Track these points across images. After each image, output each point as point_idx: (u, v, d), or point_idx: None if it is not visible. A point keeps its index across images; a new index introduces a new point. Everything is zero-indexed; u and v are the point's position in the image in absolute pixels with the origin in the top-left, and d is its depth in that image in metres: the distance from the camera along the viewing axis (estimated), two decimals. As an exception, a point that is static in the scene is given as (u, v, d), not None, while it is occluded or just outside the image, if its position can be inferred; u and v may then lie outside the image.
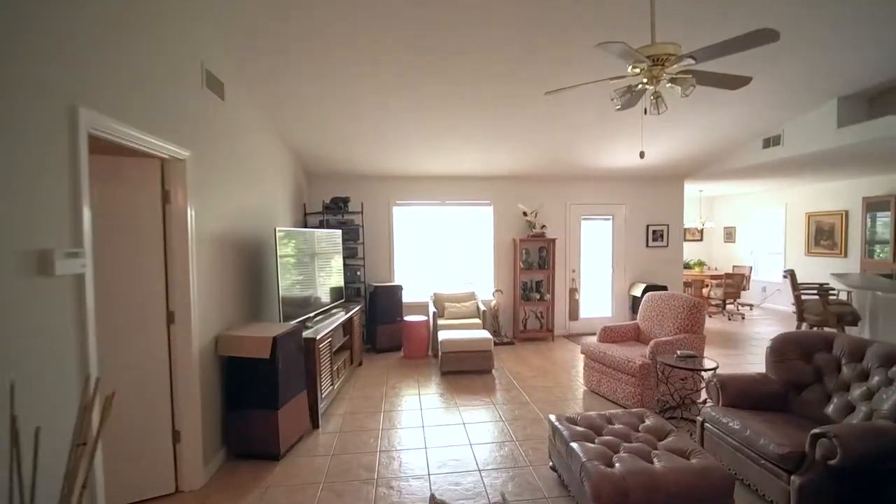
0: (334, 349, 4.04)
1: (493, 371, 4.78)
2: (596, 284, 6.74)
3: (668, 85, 2.50)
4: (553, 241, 6.18)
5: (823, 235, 7.56)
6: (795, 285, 4.50)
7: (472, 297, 5.96)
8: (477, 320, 5.52)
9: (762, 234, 8.92)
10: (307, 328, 3.67)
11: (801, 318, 4.38)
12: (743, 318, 7.66)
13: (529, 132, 4.77)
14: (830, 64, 3.67)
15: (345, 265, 5.33)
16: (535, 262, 6.24)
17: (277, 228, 3.48)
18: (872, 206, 6.56)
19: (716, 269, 9.46)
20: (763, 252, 8.88)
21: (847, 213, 7.13)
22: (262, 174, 3.95)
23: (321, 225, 5.46)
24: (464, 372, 4.71)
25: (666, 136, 5.02)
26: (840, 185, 7.20)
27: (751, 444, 2.43)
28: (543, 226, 6.19)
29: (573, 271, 6.55)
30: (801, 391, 2.77)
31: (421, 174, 6.00)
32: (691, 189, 7.99)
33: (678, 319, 3.97)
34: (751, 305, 8.49)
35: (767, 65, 3.56)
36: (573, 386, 4.34)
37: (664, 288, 6.34)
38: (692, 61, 2.39)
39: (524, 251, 6.19)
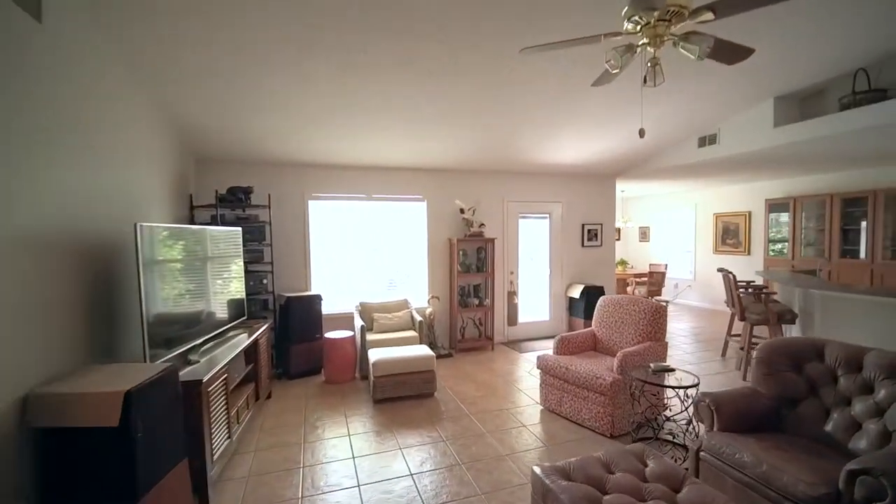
0: (232, 386, 3.03)
1: (436, 394, 4.08)
2: (533, 286, 6.38)
3: (679, 45, 2.02)
4: (492, 241, 5.67)
5: (729, 234, 8.10)
6: (736, 285, 4.48)
7: (405, 305, 5.21)
8: (412, 332, 4.78)
9: (674, 234, 9.41)
10: (191, 363, 2.64)
11: (742, 318, 4.33)
12: (664, 314, 7.90)
13: (469, 117, 4.15)
14: (766, 63, 3.55)
15: (247, 272, 4.25)
16: (472, 265, 5.68)
17: (142, 224, 2.41)
18: (774, 207, 7.09)
19: (632, 267, 9.81)
20: (675, 250, 9.37)
21: (750, 213, 7.68)
22: (120, 147, 2.80)
23: (214, 221, 4.30)
24: (402, 398, 3.94)
25: (602, 132, 4.73)
26: (745, 188, 7.74)
27: (769, 481, 2.04)
28: (482, 224, 5.65)
29: (511, 273, 6.11)
30: (795, 406, 2.49)
31: (344, 162, 5.10)
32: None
33: (640, 326, 3.64)
34: (666, 302, 8.87)
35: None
36: (528, 405, 3.82)
37: (601, 289, 6.18)
38: (710, 16, 1.92)
39: (461, 252, 5.59)
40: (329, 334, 4.55)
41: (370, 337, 4.60)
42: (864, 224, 5.83)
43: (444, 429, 3.36)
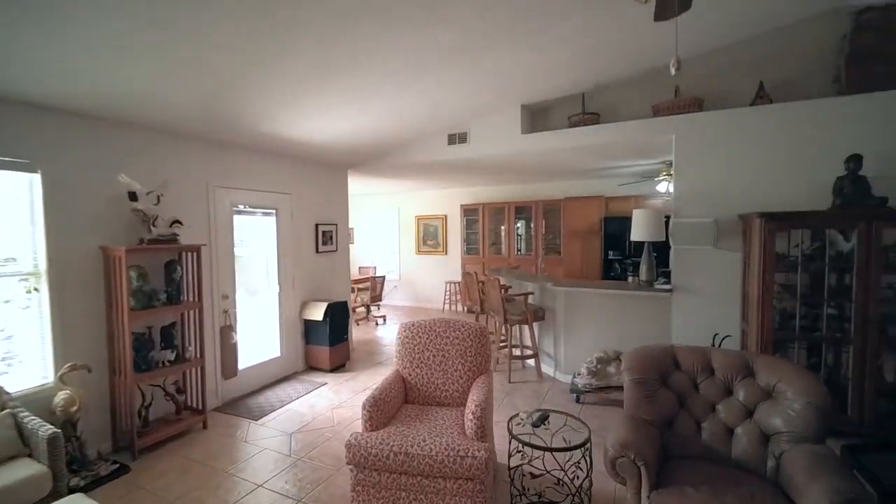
0: None
1: None
2: (256, 314, 4.47)
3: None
4: (196, 248, 3.45)
5: (430, 236, 8.64)
6: (505, 289, 4.42)
7: (-7, 401, 2.32)
8: (29, 468, 2.12)
9: (377, 235, 9.29)
10: None
11: (505, 320, 4.30)
12: (384, 320, 7.54)
13: (179, 16, 2.10)
14: (511, 70, 3.53)
15: None
16: (160, 292, 3.26)
17: None
18: (468, 211, 7.98)
19: (338, 271, 9.06)
20: (379, 252, 9.27)
21: (447, 216, 8.41)
22: None
23: None
24: None
25: (359, 103, 3.61)
26: (443, 193, 8.39)
27: (758, 552, 1.62)
28: (175, 221, 3.33)
29: (225, 298, 4.00)
30: (672, 425, 2.29)
31: None
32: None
33: (466, 358, 2.81)
34: (378, 305, 8.62)
35: (469, 57, 3.09)
36: (330, 528, 2.27)
37: (344, 304, 5.02)
38: None
39: (135, 273, 3.09)
40: None
41: None
42: (531, 227, 7.31)
43: None
